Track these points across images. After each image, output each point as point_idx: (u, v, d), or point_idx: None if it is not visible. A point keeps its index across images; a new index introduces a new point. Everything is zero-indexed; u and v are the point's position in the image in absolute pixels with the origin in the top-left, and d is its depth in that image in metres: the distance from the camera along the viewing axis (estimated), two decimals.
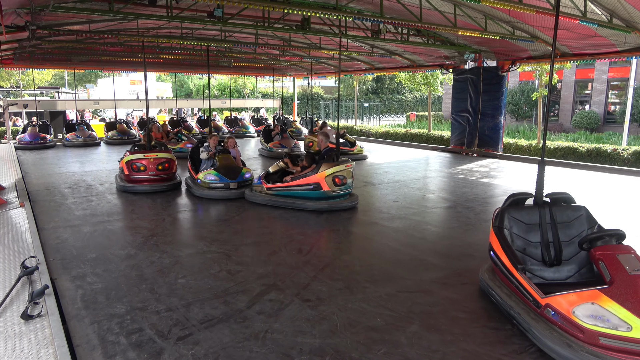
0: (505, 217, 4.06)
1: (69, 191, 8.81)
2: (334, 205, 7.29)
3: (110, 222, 6.61)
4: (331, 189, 7.31)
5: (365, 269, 4.87)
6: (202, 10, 10.13)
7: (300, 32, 11.35)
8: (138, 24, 12.46)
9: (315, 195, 7.34)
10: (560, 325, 3.20)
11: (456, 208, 7.64)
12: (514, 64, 13.83)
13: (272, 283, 4.45)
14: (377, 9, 9.82)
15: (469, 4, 9.65)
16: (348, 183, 7.51)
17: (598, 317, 3.01)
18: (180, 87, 43.75)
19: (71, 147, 16.63)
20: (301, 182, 7.39)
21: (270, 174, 7.95)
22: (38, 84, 28.82)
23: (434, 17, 10.41)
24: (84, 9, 8.39)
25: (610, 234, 3.54)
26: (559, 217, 4.02)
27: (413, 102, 42.91)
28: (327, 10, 9.15)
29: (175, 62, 19.26)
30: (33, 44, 12.84)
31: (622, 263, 3.24)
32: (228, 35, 14.39)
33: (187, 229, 6.63)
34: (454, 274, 4.74)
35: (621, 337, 2.90)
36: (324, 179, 7.27)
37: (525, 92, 25.80)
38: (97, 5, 8.95)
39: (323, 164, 7.37)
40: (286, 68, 22.93)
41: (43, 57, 16.25)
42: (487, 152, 14.31)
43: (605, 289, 3.13)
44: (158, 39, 13.18)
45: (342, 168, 7.40)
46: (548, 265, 3.93)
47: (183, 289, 4.30)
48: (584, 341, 3.03)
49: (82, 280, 4.49)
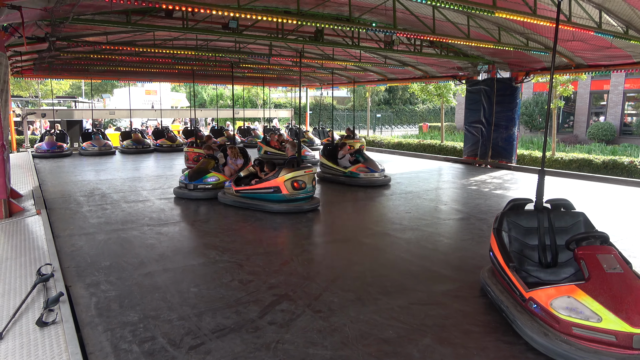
0: (505, 220, 4.31)
1: (84, 199, 8.93)
2: (292, 207, 7.86)
3: (124, 231, 6.68)
4: (290, 192, 7.92)
5: (377, 280, 4.84)
6: (217, 22, 10.28)
7: (314, 44, 11.44)
8: (154, 35, 12.67)
9: (275, 198, 7.97)
10: (540, 316, 3.47)
11: (469, 220, 7.59)
12: (528, 75, 13.76)
13: (283, 293, 4.45)
14: (390, 21, 9.87)
15: (482, 16, 9.65)
16: (307, 188, 8.09)
17: (572, 309, 3.29)
18: (195, 97, 44.29)
19: (87, 155, 16.90)
20: (264, 186, 8.10)
21: (241, 178, 8.66)
22: (56, 93, 29.38)
23: (447, 28, 10.42)
24: (102, 21, 8.59)
25: (595, 235, 3.77)
26: (557, 222, 4.25)
27: (426, 113, 42.82)
28: (341, 22, 9.22)
29: (191, 72, 19.52)
30: (52, 55, 13.12)
31: (601, 262, 3.49)
32: (242, 47, 14.56)
33: (201, 237, 6.67)
34: (467, 286, 4.70)
35: (592, 328, 3.17)
36: (283, 183, 7.92)
37: (539, 103, 25.61)
38: (115, 17, 9.14)
39: (283, 169, 8.05)
40: (299, 78, 23.09)
41: (61, 67, 16.59)
42: (501, 163, 14.20)
43: (581, 284, 3.41)
44: (174, 50, 13.39)
45: (302, 173, 8.00)
46: (544, 267, 4.16)
47: (195, 298, 4.32)
48: (559, 330, 3.31)
49: (96, 288, 4.53)
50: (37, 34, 9.49)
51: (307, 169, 8.10)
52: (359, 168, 10.86)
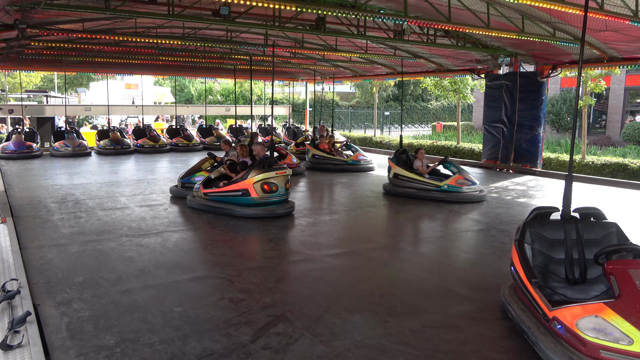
0: (527, 231, 4.31)
1: (55, 206, 8.92)
2: (263, 212, 8.03)
3: (100, 242, 6.66)
4: (260, 195, 8.04)
5: (386, 299, 4.82)
6: (207, 9, 10.30)
7: (315, 33, 11.47)
8: (136, 23, 12.70)
9: (244, 202, 8.11)
10: (565, 338, 3.42)
11: (489, 231, 7.57)
12: (554, 69, 13.78)
13: (279, 314, 4.42)
14: (401, 7, 9.89)
15: (504, 2, 9.66)
16: (280, 191, 8.20)
17: (601, 330, 3.23)
18: (180, 92, 44.37)
19: (59, 157, 16.90)
20: (232, 188, 8.26)
21: (211, 180, 8.83)
22: (25, 87, 29.48)
23: (464, 16, 10.44)
24: (78, 7, 8.60)
25: (627, 248, 3.73)
26: (587, 234, 4.25)
27: (440, 111, 42.88)
28: (345, 9, 9.23)
29: (176, 64, 19.56)
30: (22, 44, 13.16)
31: (633, 277, 3.45)
32: (234, 36, 14.59)
33: (187, 250, 6.65)
34: (487, 307, 4.67)
35: (622, 351, 3.11)
36: (252, 186, 8.03)
37: (567, 101, 25.64)
38: (92, 3, 9.16)
39: (253, 170, 8.16)
40: (298, 72, 23.14)
41: (32, 58, 16.63)
42: (524, 168, 14.19)
43: (611, 302, 3.36)
44: (157, 39, 13.42)
45: (273, 175, 8.11)
46: (572, 284, 4.15)
47: (180, 319, 4.30)
48: (586, 354, 3.24)
49: (67, 307, 4.51)
50: (4, 20, 9.53)
51: (279, 171, 8.22)
52: (458, 180, 9.66)
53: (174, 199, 9.66)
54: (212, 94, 41.35)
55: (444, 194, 9.63)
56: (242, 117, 32.08)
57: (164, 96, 37.03)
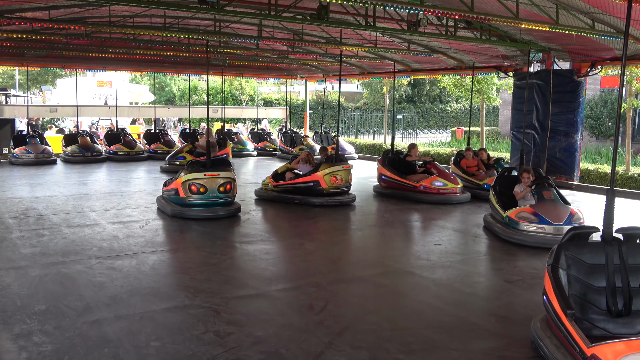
0: (562, 255, 4.34)
1: (14, 222, 8.93)
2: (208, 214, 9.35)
3: (65, 264, 6.65)
4: (187, 196, 9.33)
5: (398, 334, 4.81)
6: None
7: (316, 23, 11.52)
8: (110, 11, 12.79)
9: (175, 201, 9.51)
10: None
11: (517, 255, 7.55)
12: (593, 66, 13.82)
13: (273, 350, 4.41)
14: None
15: None
16: (208, 192, 9.42)
17: None
18: (161, 91, 44.59)
19: (20, 165, 16.95)
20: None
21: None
22: None
23: (489, 5, 10.51)
24: None
25: None
26: (632, 258, 4.25)
27: (460, 114, 43.01)
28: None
29: (156, 59, 19.67)
30: None
31: None
32: (224, 27, 14.69)
33: (165, 275, 6.64)
34: (516, 343, 4.65)
35: None
36: (180, 185, 9.39)
37: (608, 103, 25.72)
38: None
39: (184, 170, 9.66)
40: (296, 68, 23.25)
41: None
42: (559, 180, 14.17)
43: None
44: (134, 30, 13.50)
45: (201, 176, 9.37)
46: (614, 316, 4.13)
47: (157, 355, 4.27)
48: None
49: (26, 340, 4.49)
50: None
51: (210, 172, 9.43)
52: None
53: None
54: (198, 94, 41.49)
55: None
56: (230, 121, 32.20)
57: (142, 95, 37.19)
